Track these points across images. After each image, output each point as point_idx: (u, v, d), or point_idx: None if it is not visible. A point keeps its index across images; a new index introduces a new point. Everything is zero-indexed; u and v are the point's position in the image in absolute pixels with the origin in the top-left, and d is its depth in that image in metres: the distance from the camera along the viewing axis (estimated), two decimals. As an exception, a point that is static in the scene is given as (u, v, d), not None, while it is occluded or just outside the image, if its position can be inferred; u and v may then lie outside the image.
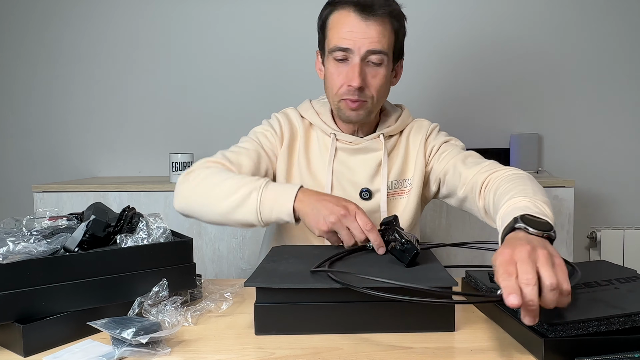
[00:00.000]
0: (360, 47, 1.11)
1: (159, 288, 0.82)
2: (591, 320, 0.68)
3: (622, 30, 2.18)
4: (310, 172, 1.24)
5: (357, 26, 1.11)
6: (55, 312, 0.77)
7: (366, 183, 1.22)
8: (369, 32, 1.11)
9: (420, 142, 1.26)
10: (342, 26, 1.13)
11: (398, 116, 1.28)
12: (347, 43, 1.12)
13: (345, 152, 1.23)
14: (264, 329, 0.79)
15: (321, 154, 1.24)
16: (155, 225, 0.89)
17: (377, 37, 1.11)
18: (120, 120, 2.27)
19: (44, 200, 1.89)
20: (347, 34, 1.12)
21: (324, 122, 1.25)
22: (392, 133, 1.26)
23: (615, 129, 2.21)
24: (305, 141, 1.26)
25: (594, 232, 2.16)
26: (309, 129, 1.27)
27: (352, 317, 0.78)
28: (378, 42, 1.12)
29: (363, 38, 1.11)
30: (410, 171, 1.25)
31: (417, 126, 1.29)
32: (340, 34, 1.12)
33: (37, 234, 0.85)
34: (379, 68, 1.14)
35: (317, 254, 0.93)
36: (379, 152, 1.23)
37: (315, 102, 1.30)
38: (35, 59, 2.26)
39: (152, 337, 0.72)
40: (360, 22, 1.11)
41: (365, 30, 1.11)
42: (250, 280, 0.81)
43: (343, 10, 1.13)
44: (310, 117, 1.27)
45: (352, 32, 1.11)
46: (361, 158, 1.23)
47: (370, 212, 1.21)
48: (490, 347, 0.74)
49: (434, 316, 0.78)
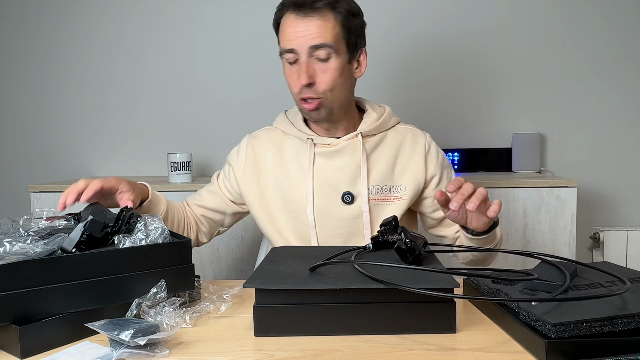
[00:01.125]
0: (302, 45, 1.13)
1: (157, 289, 0.82)
2: (594, 320, 0.68)
3: (626, 27, 2.18)
4: (290, 182, 1.24)
5: (296, 26, 1.13)
6: (53, 314, 0.77)
7: (348, 186, 1.22)
8: (308, 29, 1.13)
9: (418, 157, 1.26)
10: (285, 28, 1.16)
11: (380, 116, 1.27)
12: (291, 44, 1.14)
13: (323, 157, 1.23)
14: (264, 331, 0.79)
15: (299, 162, 1.25)
16: (153, 226, 0.89)
17: (317, 32, 1.12)
18: (118, 120, 2.27)
19: (41, 200, 1.89)
20: (290, 34, 1.14)
21: (298, 129, 1.26)
22: (372, 133, 1.25)
23: (619, 128, 2.21)
24: (279, 155, 1.27)
25: (597, 233, 2.16)
26: (283, 140, 1.28)
27: (352, 319, 0.78)
28: (319, 37, 1.13)
29: (303, 36, 1.13)
30: (400, 179, 1.25)
31: (411, 137, 1.28)
32: (285, 37, 1.16)
33: (34, 234, 0.85)
34: (327, 62, 1.15)
35: (316, 255, 0.93)
36: (358, 153, 1.22)
37: (290, 112, 1.32)
38: (31, 57, 2.26)
39: (150, 338, 0.72)
40: (298, 21, 1.13)
41: (304, 28, 1.13)
42: (249, 281, 0.81)
43: (285, 13, 1.16)
44: (285, 127, 1.28)
45: (293, 32, 1.14)
46: (340, 161, 1.23)
47: (353, 217, 1.21)
48: (491, 348, 0.74)
49: (435, 317, 0.78)
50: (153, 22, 2.23)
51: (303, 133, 1.25)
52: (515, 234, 1.87)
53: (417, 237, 0.90)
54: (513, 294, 0.81)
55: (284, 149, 1.27)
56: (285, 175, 1.25)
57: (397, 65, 2.20)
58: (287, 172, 1.25)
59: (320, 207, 1.22)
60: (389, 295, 0.77)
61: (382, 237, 0.98)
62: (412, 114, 2.15)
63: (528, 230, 1.87)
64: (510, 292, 0.82)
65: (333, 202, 1.22)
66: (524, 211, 1.86)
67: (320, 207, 1.22)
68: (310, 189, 1.22)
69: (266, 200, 1.26)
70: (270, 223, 1.26)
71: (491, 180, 1.88)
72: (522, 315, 0.74)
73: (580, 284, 0.84)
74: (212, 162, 2.26)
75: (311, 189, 1.22)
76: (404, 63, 2.15)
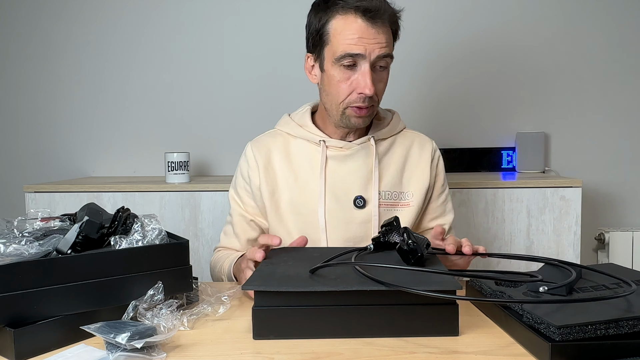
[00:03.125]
0: (371, 53, 1.12)
1: (154, 291, 0.82)
2: (599, 323, 0.68)
3: (632, 26, 2.18)
4: (299, 185, 1.24)
5: (366, 32, 1.11)
6: (48, 316, 0.77)
7: (360, 190, 1.23)
8: (378, 37, 1.12)
9: (425, 163, 1.29)
10: (351, 32, 1.12)
11: (389, 120, 1.30)
12: (359, 49, 1.11)
13: (335, 160, 1.23)
14: (263, 334, 0.79)
15: (310, 164, 1.24)
16: (150, 227, 0.89)
17: (385, 42, 1.13)
18: (115, 119, 2.27)
19: (35, 200, 1.89)
20: (358, 40, 1.11)
21: (309, 131, 1.25)
22: (384, 137, 1.27)
23: (625, 127, 2.21)
24: (287, 157, 1.26)
25: (602, 234, 2.16)
26: (289, 143, 1.28)
27: (353, 321, 0.78)
28: (387, 47, 1.14)
29: (374, 43, 1.12)
30: (409, 185, 1.27)
31: (419, 143, 1.31)
32: (349, 40, 1.12)
33: (28, 235, 0.85)
34: (384, 72, 1.17)
35: (316, 256, 0.93)
36: (371, 158, 1.24)
37: (295, 115, 1.31)
38: (25, 55, 2.26)
39: (147, 341, 0.72)
40: (369, 28, 1.11)
41: (375, 35, 1.12)
42: (247, 283, 0.81)
43: (348, 16, 1.12)
44: (292, 129, 1.27)
45: (362, 38, 1.11)
46: (353, 164, 1.23)
47: (364, 222, 1.22)
48: (495, 351, 0.74)
49: (437, 320, 0.78)
50: (149, 20, 2.23)
51: (315, 135, 1.24)
52: (518, 234, 1.87)
53: (420, 238, 0.90)
54: (516, 297, 0.81)
55: (291, 151, 1.27)
56: (295, 177, 1.25)
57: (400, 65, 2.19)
58: (297, 175, 1.25)
59: (332, 211, 1.22)
60: (390, 297, 0.77)
61: (383, 237, 0.98)
62: (415, 114, 2.15)
63: (532, 231, 1.87)
64: (514, 294, 0.82)
65: (344, 205, 1.22)
66: (528, 212, 1.86)
67: (332, 211, 1.22)
68: (322, 192, 1.22)
69: (275, 202, 1.26)
70: (280, 225, 1.26)
71: (494, 180, 1.89)
72: (526, 318, 0.74)
73: (585, 286, 0.84)
74: (210, 161, 2.26)
75: (323, 192, 1.22)
76: (406, 63, 2.15)
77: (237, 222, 1.30)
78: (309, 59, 1.23)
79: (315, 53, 1.20)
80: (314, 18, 1.18)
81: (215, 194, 1.87)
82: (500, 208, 1.86)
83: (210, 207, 1.88)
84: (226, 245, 1.32)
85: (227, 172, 2.23)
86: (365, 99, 1.14)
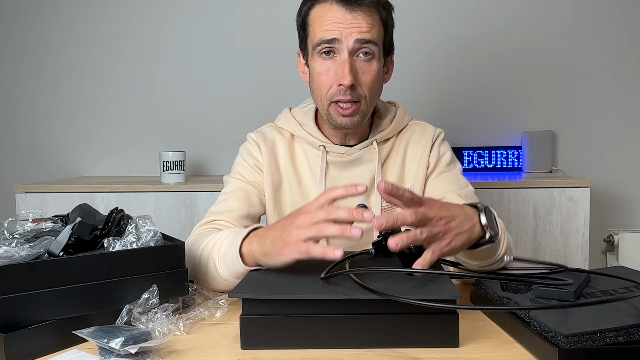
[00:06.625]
0: (347, 37, 1.06)
1: (149, 295, 0.82)
2: (608, 330, 0.68)
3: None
4: (301, 190, 1.22)
5: (342, 17, 1.07)
6: (39, 321, 0.77)
7: (361, 198, 1.17)
8: (357, 21, 1.07)
9: (422, 151, 1.22)
10: (326, 18, 1.08)
11: (393, 117, 1.24)
12: (333, 34, 1.06)
13: (336, 166, 1.20)
14: (251, 343, 0.77)
15: (310, 169, 1.22)
16: (145, 228, 0.89)
17: (366, 26, 1.07)
18: (108, 117, 2.27)
19: (26, 201, 1.89)
20: (332, 25, 1.07)
21: (309, 133, 1.21)
22: (388, 137, 1.22)
23: (634, 126, 2.21)
24: (290, 156, 1.23)
25: (611, 236, 2.16)
26: (291, 141, 1.24)
27: (345, 331, 0.76)
28: (367, 32, 1.07)
29: (350, 27, 1.06)
30: (409, 180, 1.22)
31: (420, 131, 1.25)
32: (324, 27, 1.08)
33: (19, 237, 0.85)
34: (370, 62, 1.09)
35: (310, 261, 0.92)
36: (374, 163, 1.20)
37: (297, 111, 1.26)
38: (17, 51, 2.26)
39: (141, 347, 0.72)
40: (346, 13, 1.07)
41: (351, 20, 1.07)
42: (235, 290, 0.79)
43: (325, 4, 1.09)
44: (293, 129, 1.23)
45: (337, 23, 1.06)
46: (355, 171, 1.20)
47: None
48: (500, 357, 0.74)
49: (436, 330, 0.76)
50: (142, 18, 2.23)
51: (315, 138, 1.21)
52: (525, 236, 1.87)
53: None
54: (523, 303, 0.80)
55: (294, 151, 1.24)
56: (298, 180, 1.22)
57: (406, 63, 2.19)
58: (300, 177, 1.23)
59: None
60: (385, 305, 0.75)
61: (384, 241, 0.97)
62: (420, 112, 2.14)
63: (539, 232, 1.87)
64: (521, 300, 0.82)
65: None
66: (535, 212, 1.86)
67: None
68: None
69: (278, 198, 1.23)
70: None
71: (501, 180, 1.89)
72: (533, 326, 0.74)
73: (593, 291, 0.84)
74: (206, 161, 2.26)
75: None
76: (413, 60, 2.15)
77: (235, 196, 1.19)
78: (300, 57, 1.21)
79: (302, 49, 1.19)
80: (298, 13, 1.16)
81: (212, 194, 1.86)
82: (506, 209, 1.85)
83: (206, 208, 1.84)
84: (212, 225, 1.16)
85: (224, 171, 2.21)
86: (346, 91, 1.07)
